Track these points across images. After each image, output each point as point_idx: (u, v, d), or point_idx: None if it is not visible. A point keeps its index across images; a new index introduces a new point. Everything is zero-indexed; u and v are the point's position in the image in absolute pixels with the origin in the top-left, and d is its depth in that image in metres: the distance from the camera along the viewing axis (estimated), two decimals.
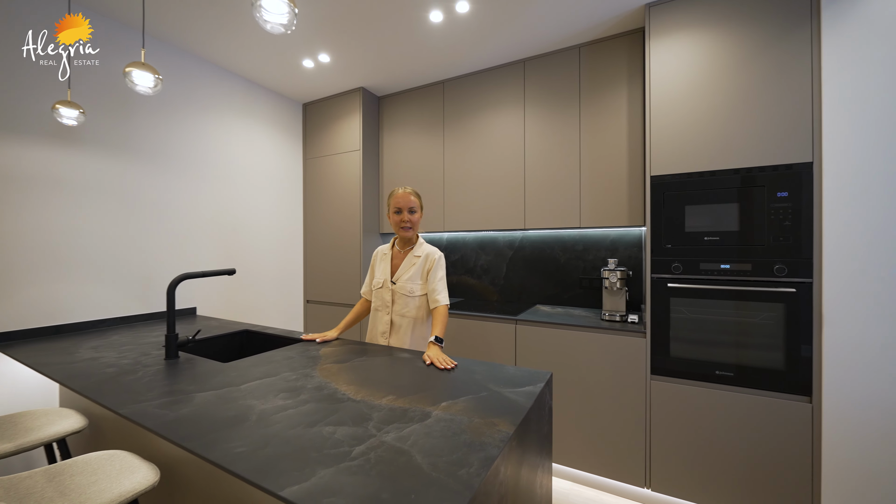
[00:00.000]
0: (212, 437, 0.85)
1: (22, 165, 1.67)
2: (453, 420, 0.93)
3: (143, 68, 1.20)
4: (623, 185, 2.22)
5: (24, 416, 1.51)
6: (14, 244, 1.66)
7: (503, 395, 1.08)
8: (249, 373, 1.27)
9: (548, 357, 2.15)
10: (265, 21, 0.84)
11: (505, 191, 2.58)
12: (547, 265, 2.73)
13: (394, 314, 1.72)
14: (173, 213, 2.26)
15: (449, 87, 2.77)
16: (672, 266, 1.88)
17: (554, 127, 2.42)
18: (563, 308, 2.57)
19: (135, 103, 2.07)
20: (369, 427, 0.89)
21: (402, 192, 1.72)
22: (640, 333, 1.94)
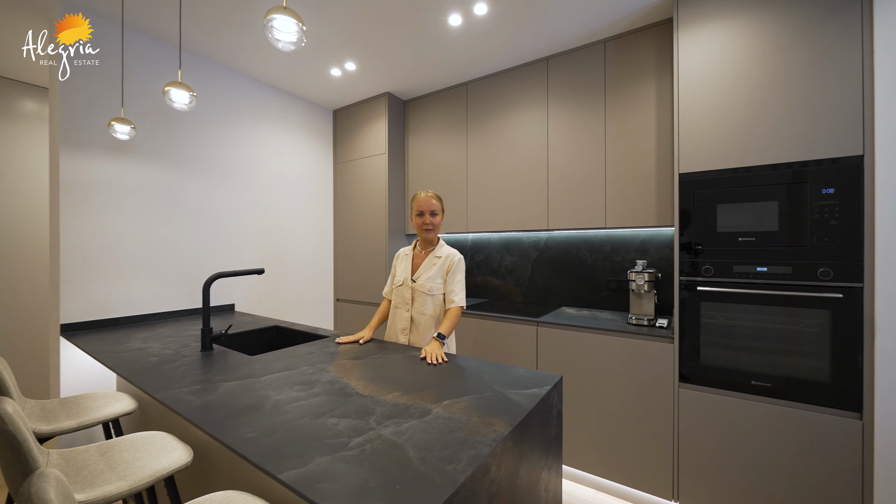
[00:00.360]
0: (228, 423, 0.92)
1: (84, 176, 1.90)
2: (451, 418, 0.95)
3: (179, 87, 1.33)
4: (651, 183, 2.13)
5: (86, 397, 1.71)
6: (78, 246, 1.88)
7: (506, 396, 1.09)
8: (272, 366, 1.36)
9: (570, 360, 2.11)
10: (276, 40, 0.91)
11: (528, 191, 2.56)
12: (573, 266, 2.67)
13: (413, 312, 1.76)
14: (213, 216, 2.45)
15: (472, 88, 2.79)
16: (703, 268, 1.78)
17: (578, 125, 2.36)
18: (589, 311, 2.50)
19: (179, 117, 2.27)
20: (370, 421, 0.93)
21: (424, 195, 1.78)
22: (667, 339, 1.86)
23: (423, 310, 1.74)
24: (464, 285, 1.78)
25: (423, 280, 1.75)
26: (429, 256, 1.80)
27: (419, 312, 1.75)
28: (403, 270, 1.82)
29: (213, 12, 1.94)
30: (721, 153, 1.74)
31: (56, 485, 0.75)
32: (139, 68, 2.08)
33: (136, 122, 2.04)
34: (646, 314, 2.13)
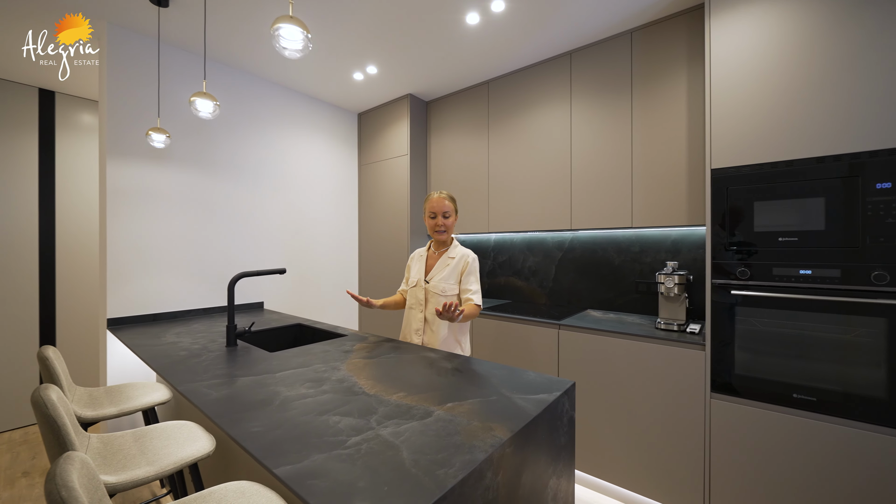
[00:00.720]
0: (238, 416, 0.96)
1: (127, 182, 2.06)
2: (452, 421, 0.93)
3: (204, 97, 1.42)
4: (681, 180, 2.01)
5: (128, 386, 1.85)
6: (122, 246, 2.04)
7: (512, 401, 1.06)
8: (288, 362, 1.41)
9: (593, 366, 2.03)
10: (283, 48, 0.94)
11: (550, 190, 2.49)
12: (599, 268, 2.57)
13: (427, 312, 1.77)
14: (244, 218, 2.58)
15: (493, 86, 2.75)
16: (738, 271, 1.65)
17: (603, 121, 2.27)
18: (615, 314, 2.40)
19: (211, 125, 2.41)
20: (371, 420, 0.94)
21: (436, 196, 1.77)
22: (698, 346, 1.74)
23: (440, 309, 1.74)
24: (479, 285, 1.77)
25: (437, 281, 1.76)
26: (442, 257, 1.80)
27: (433, 313, 1.75)
28: (417, 271, 1.84)
29: (245, 25, 2.04)
30: (758, 146, 1.61)
31: (80, 467, 0.82)
32: (175, 80, 2.22)
33: (173, 130, 2.19)
34: (676, 319, 2.01)
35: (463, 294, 1.75)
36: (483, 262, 3.18)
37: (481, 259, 3.18)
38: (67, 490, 0.70)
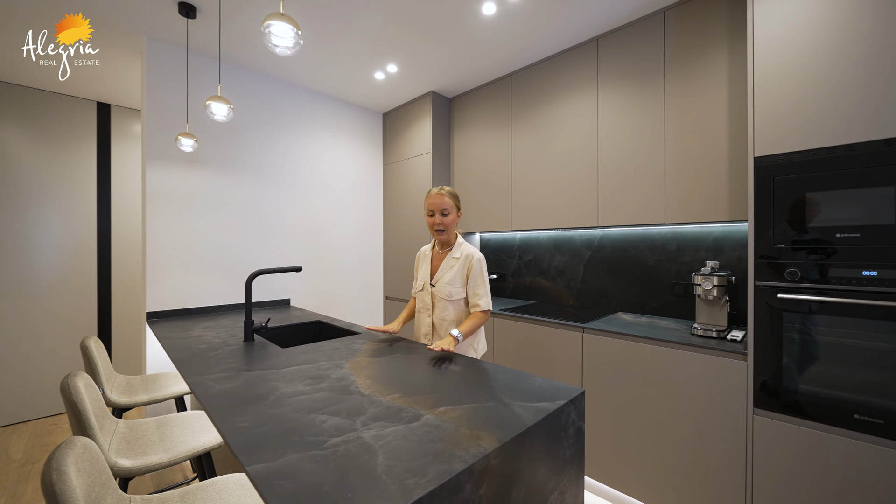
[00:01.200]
0: (232, 410, 0.98)
1: (164, 185, 2.20)
2: (440, 426, 0.89)
3: (219, 100, 1.48)
4: (722, 171, 1.81)
5: (162, 376, 1.97)
6: (159, 245, 2.19)
7: (510, 408, 0.99)
8: (296, 358, 1.43)
9: (620, 373, 1.89)
10: (274, 45, 0.94)
11: (575, 185, 2.36)
12: (631, 268, 2.40)
13: (434, 317, 1.70)
14: (271, 218, 2.68)
15: (516, 79, 2.66)
16: (786, 271, 1.46)
17: (632, 110, 2.11)
18: (648, 318, 2.23)
19: (240, 129, 2.52)
20: (357, 421, 0.91)
21: (435, 192, 1.67)
22: (739, 355, 1.56)
23: (443, 315, 1.68)
24: (487, 287, 1.68)
25: (442, 285, 1.67)
26: (446, 258, 1.71)
27: (440, 318, 1.69)
28: (423, 273, 1.77)
29: None
30: (810, 130, 1.41)
31: (82, 452, 0.86)
32: (206, 87, 2.35)
33: (204, 135, 2.32)
34: (715, 324, 1.82)
35: (471, 299, 1.66)
36: (508, 261, 3.09)
37: (506, 258, 3.10)
38: (59, 473, 0.73)
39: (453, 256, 1.70)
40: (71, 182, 2.90)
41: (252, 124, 2.57)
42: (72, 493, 0.71)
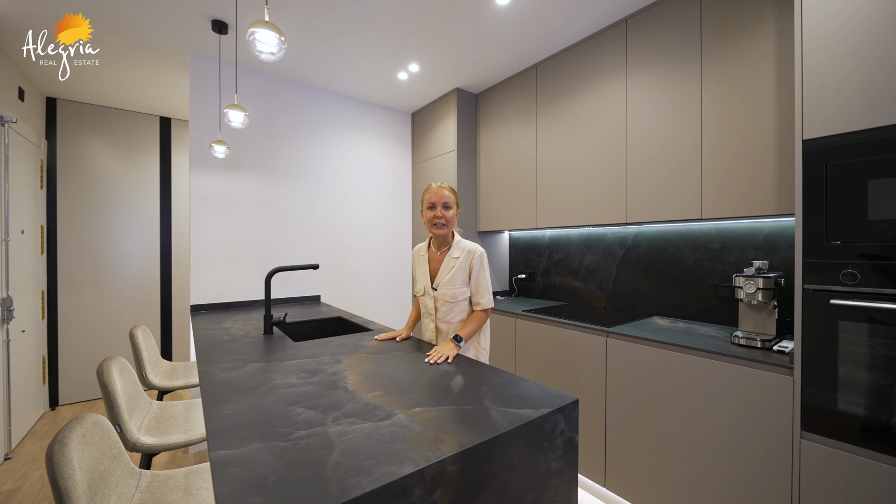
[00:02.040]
0: (223, 398, 1.04)
1: (206, 190, 2.41)
2: (407, 427, 0.87)
3: (235, 108, 1.58)
4: (768, 158, 1.59)
5: None
6: (203, 244, 2.40)
7: (488, 413, 0.94)
8: (302, 352, 1.48)
9: (646, 383, 1.73)
10: (259, 52, 0.98)
11: (603, 179, 2.21)
12: (669, 268, 2.20)
13: (438, 321, 1.65)
14: (303, 218, 2.83)
15: (541, 70, 2.54)
16: (842, 273, 1.24)
17: (665, 95, 1.93)
18: (686, 323, 2.02)
19: (274, 135, 2.68)
20: (330, 416, 0.92)
21: (435, 186, 1.62)
22: (785, 368, 1.36)
23: (448, 318, 1.63)
24: (489, 283, 1.64)
25: (444, 287, 1.61)
26: (446, 258, 1.63)
27: (444, 322, 1.64)
28: (422, 276, 1.70)
29: (295, 42, 2.23)
30: (872, 105, 1.18)
31: (92, 427, 0.96)
32: (242, 97, 2.54)
33: (242, 143, 2.51)
34: (760, 332, 1.61)
35: (473, 297, 1.61)
36: (537, 260, 2.98)
37: (535, 257, 2.99)
38: (60, 445, 0.82)
39: (453, 256, 1.63)
40: (140, 188, 3.29)
41: (285, 129, 2.73)
42: (68, 462, 0.80)
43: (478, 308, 1.60)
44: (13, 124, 2.25)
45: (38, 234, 2.78)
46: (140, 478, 1.10)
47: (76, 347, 3.01)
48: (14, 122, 2.24)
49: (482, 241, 3.08)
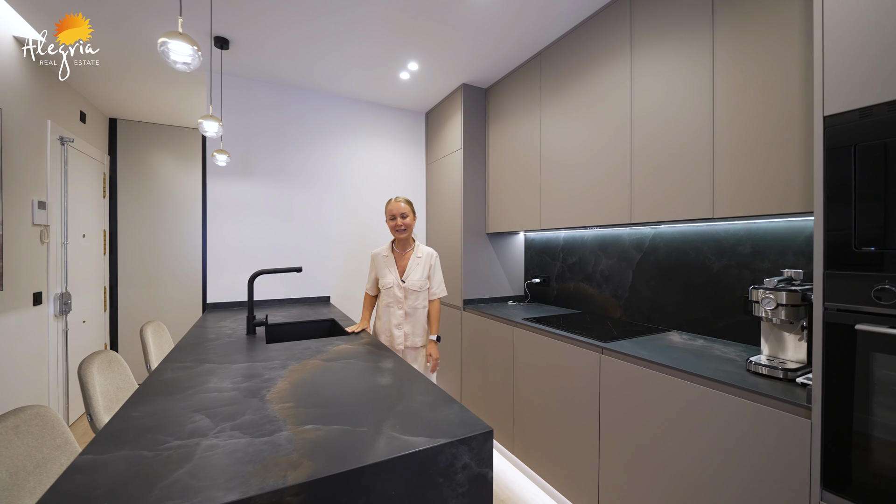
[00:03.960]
0: (146, 398, 1.08)
1: (223, 195, 2.59)
2: (280, 447, 0.82)
3: (210, 119, 1.67)
4: (793, 144, 1.28)
5: None
6: (219, 246, 2.59)
7: (378, 437, 0.86)
8: (261, 355, 1.51)
9: (643, 408, 1.50)
10: (174, 62, 1.00)
11: (603, 174, 1.96)
12: (691, 275, 1.89)
13: (407, 307, 2.02)
14: (315, 221, 2.92)
15: (546, 57, 2.34)
16: (874, 290, 0.95)
17: (671, 75, 1.65)
18: (706, 340, 1.73)
19: (286, 141, 2.80)
20: (217, 427, 0.90)
21: (394, 201, 2.02)
22: (801, 408, 1.08)
23: (413, 304, 2.03)
24: (442, 276, 2.13)
25: (413, 280, 2.02)
26: (411, 258, 2.05)
27: (412, 307, 2.03)
28: (389, 272, 2.04)
29: (299, 50, 2.30)
30: None
31: (30, 419, 1.05)
32: (253, 107, 2.68)
33: (254, 150, 2.66)
34: (782, 358, 1.31)
35: (431, 288, 2.08)
36: (551, 263, 2.76)
37: (549, 260, 2.78)
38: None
39: (417, 256, 2.06)
40: (186, 195, 3.66)
41: (296, 135, 2.83)
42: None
43: (434, 298, 2.07)
44: (72, 143, 2.62)
45: (102, 238, 3.22)
46: None
47: (133, 336, 3.43)
48: (72, 142, 2.61)
49: (493, 243, 2.93)
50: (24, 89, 2.15)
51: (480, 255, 2.86)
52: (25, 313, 2.19)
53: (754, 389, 1.17)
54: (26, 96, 2.18)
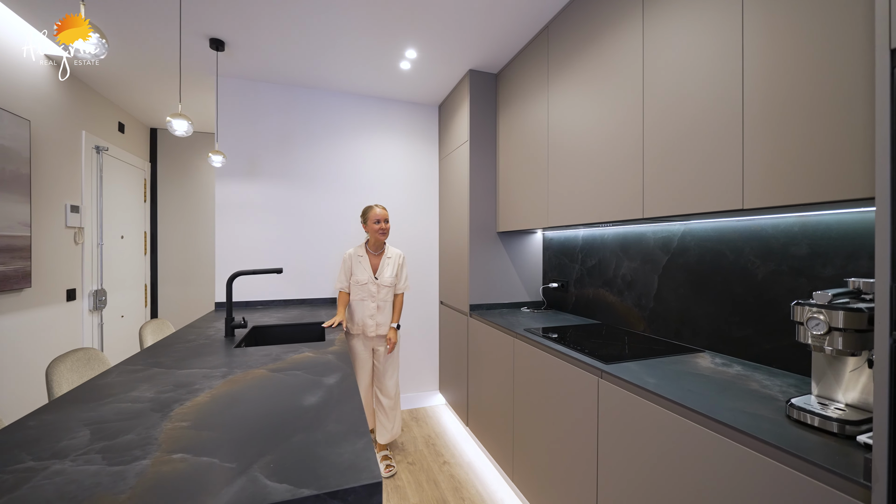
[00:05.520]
0: (67, 404, 1.03)
1: (230, 196, 2.64)
2: (122, 481, 0.70)
3: (179, 117, 1.64)
4: (856, 103, 0.91)
5: None
6: (229, 247, 2.64)
7: (235, 479, 0.71)
8: (216, 360, 1.44)
9: (645, 452, 1.20)
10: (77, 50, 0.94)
11: (613, 159, 1.64)
12: (728, 282, 1.52)
13: (379, 301, 2.28)
14: (321, 221, 2.87)
15: (553, 29, 2.04)
16: None
17: (693, 34, 1.31)
18: (745, 367, 1.36)
19: (292, 142, 2.78)
20: (90, 445, 0.81)
21: (379, 208, 2.27)
22: (857, 485, 0.74)
23: (384, 298, 2.29)
24: (407, 274, 2.51)
25: (385, 277, 2.29)
26: (383, 258, 2.32)
27: (383, 300, 2.29)
28: (364, 271, 2.27)
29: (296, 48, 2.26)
30: None
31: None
32: (261, 109, 2.70)
33: (261, 152, 2.68)
34: (840, 402, 0.95)
35: (398, 284, 2.36)
36: (570, 266, 2.44)
37: (568, 262, 2.46)
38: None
39: (388, 256, 2.33)
40: (202, 201, 3.86)
41: (300, 134, 2.80)
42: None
43: (399, 292, 2.37)
44: (107, 152, 2.84)
45: (143, 239, 3.49)
46: None
47: None
48: (107, 150, 2.83)
49: (505, 243, 2.67)
50: (56, 103, 2.35)
51: (490, 256, 2.62)
52: (58, 308, 2.39)
53: (788, 450, 0.83)
54: (59, 109, 2.38)
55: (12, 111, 2.00)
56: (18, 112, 2.05)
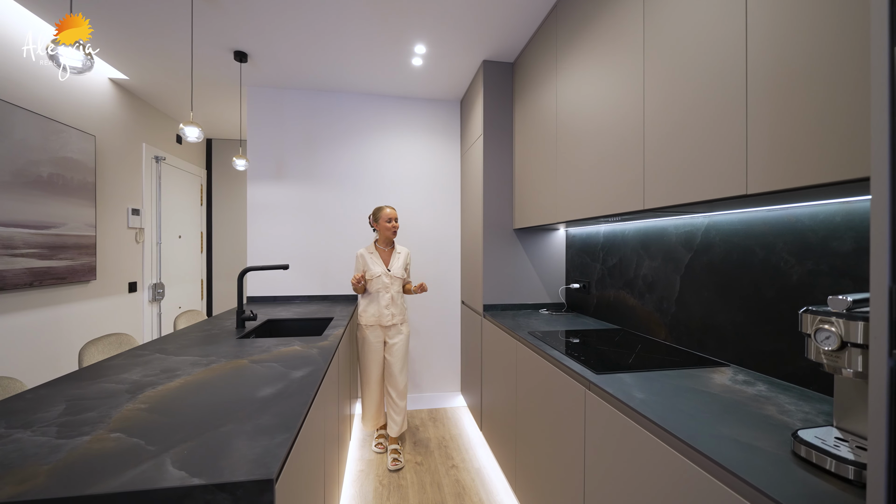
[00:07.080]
0: (70, 381, 1.16)
1: (261, 198, 2.83)
2: (54, 453, 0.76)
3: (191, 124, 1.78)
4: None
5: None
6: (259, 246, 2.83)
7: (144, 462, 0.73)
8: (213, 350, 1.54)
9: (630, 477, 1.05)
10: (65, 66, 1.04)
11: (615, 146, 1.46)
12: (758, 284, 1.28)
13: (393, 291, 2.40)
14: (344, 220, 2.96)
15: (561, 8, 1.88)
16: None
17: (696, 3, 1.11)
18: (772, 386, 1.15)
19: (316, 144, 2.90)
20: (56, 420, 0.90)
21: (389, 208, 2.42)
22: None
23: (396, 289, 2.42)
24: (411, 270, 2.67)
25: (396, 269, 2.42)
26: (393, 254, 2.47)
27: (396, 291, 2.42)
28: (377, 265, 2.39)
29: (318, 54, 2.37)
30: None
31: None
32: (287, 114, 2.85)
33: (287, 155, 2.84)
34: (861, 437, 0.74)
35: (406, 278, 2.49)
36: (591, 265, 2.25)
37: (590, 261, 2.27)
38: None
39: (397, 252, 2.47)
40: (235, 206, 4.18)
41: (324, 137, 2.91)
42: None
43: (408, 284, 2.51)
44: (165, 161, 3.21)
45: (199, 239, 3.89)
46: None
47: None
48: (165, 160, 3.20)
49: (523, 240, 2.53)
50: (119, 120, 2.70)
51: (505, 254, 2.50)
52: (120, 298, 2.75)
53: (774, 497, 0.66)
54: (122, 125, 2.74)
55: (80, 128, 2.34)
56: (85, 129, 2.39)
